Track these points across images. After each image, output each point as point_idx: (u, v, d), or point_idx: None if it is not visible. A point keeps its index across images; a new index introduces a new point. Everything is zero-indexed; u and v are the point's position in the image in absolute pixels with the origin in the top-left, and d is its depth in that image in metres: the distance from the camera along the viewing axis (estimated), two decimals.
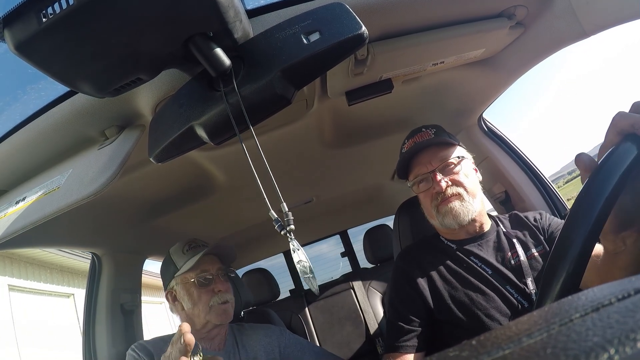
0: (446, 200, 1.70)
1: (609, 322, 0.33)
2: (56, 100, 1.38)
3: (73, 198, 1.23)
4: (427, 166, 1.77)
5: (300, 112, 1.86)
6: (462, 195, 1.70)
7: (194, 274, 1.92)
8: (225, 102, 1.05)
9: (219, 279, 1.95)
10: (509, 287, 1.59)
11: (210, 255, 2.00)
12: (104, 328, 2.35)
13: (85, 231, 2.28)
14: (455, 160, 1.75)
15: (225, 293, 1.92)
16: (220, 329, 1.96)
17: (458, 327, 1.63)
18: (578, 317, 0.36)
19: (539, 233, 1.75)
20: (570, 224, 0.74)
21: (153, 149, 1.18)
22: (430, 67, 1.80)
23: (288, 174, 2.66)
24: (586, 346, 0.31)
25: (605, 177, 0.74)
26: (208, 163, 2.15)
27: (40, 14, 0.78)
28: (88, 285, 2.50)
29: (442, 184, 1.70)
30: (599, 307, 0.37)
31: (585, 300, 0.40)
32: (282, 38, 1.05)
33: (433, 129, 1.84)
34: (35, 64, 0.88)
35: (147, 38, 0.90)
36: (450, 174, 1.74)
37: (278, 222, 1.04)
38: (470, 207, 1.69)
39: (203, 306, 1.88)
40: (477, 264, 1.68)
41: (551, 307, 0.42)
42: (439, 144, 1.79)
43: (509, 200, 2.55)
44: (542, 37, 1.73)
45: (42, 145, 1.49)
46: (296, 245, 1.06)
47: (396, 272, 1.87)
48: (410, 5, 1.38)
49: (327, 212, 4.03)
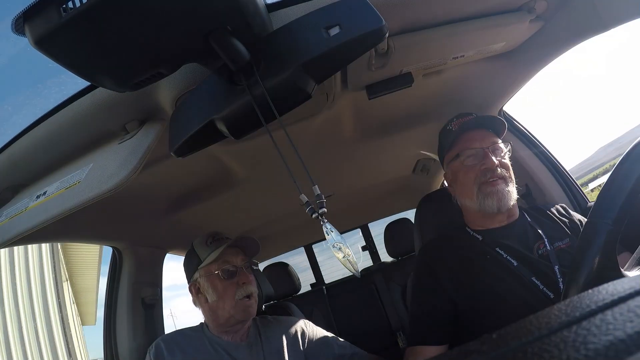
0: (494, 182, 1.69)
1: (629, 316, 0.33)
2: (76, 95, 1.38)
3: (94, 192, 1.23)
4: (480, 142, 1.76)
5: (320, 106, 1.85)
6: (507, 180, 1.71)
7: (217, 266, 1.92)
8: (250, 94, 1.05)
9: (243, 271, 1.95)
10: (534, 279, 1.56)
11: (234, 247, 2.00)
12: (124, 322, 2.37)
13: (106, 226, 2.30)
14: (505, 145, 1.78)
15: (249, 285, 1.92)
16: (243, 322, 1.96)
17: (482, 319, 1.61)
18: (598, 310, 0.36)
19: (565, 226, 1.74)
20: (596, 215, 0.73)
21: (173, 144, 1.18)
22: (450, 61, 1.78)
23: (309, 167, 2.63)
24: (606, 340, 0.31)
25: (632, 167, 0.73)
26: (228, 157, 2.15)
27: (60, 8, 0.78)
28: (109, 280, 2.52)
29: (495, 161, 1.69)
30: (620, 301, 0.37)
31: (605, 294, 0.40)
32: (302, 32, 1.05)
33: (475, 114, 1.85)
34: (55, 58, 0.88)
35: (167, 33, 0.90)
36: (501, 156, 1.74)
37: (310, 206, 1.03)
38: (513, 193, 1.71)
39: (229, 299, 1.89)
40: (502, 255, 1.65)
41: (572, 300, 0.42)
42: (491, 127, 1.81)
43: (529, 193, 2.53)
44: (562, 30, 1.72)
45: (62, 140, 1.50)
46: (329, 227, 1.06)
47: (419, 265, 1.86)
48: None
49: (348, 206, 4.04)
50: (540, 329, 0.36)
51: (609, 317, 0.34)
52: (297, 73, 1.04)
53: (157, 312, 2.64)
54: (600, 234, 0.70)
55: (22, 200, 1.52)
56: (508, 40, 1.76)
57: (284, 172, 1.06)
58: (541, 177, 2.48)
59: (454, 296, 1.68)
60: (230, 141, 1.24)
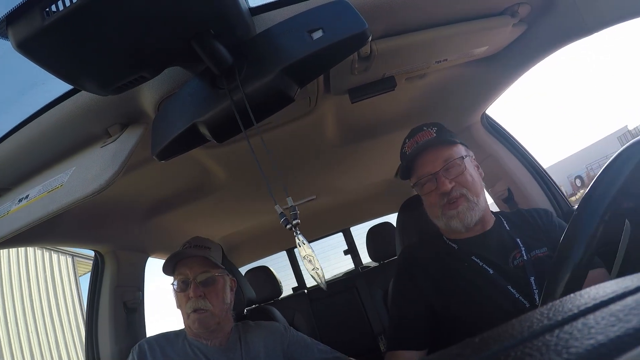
0: (453, 204, 1.69)
1: (611, 320, 0.33)
2: (59, 98, 1.38)
3: (76, 196, 1.22)
4: (431, 166, 1.74)
5: (303, 110, 1.85)
6: (467, 197, 1.68)
7: (175, 277, 1.93)
8: (230, 99, 1.05)
9: (195, 283, 1.89)
10: (510, 287, 1.56)
11: (192, 258, 1.96)
12: (106, 325, 2.35)
13: (88, 229, 2.28)
14: (459, 161, 1.73)
15: (198, 300, 1.87)
16: (220, 328, 1.96)
17: (460, 325, 1.62)
18: (580, 314, 0.37)
19: (543, 233, 1.73)
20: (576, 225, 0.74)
21: (156, 147, 1.18)
22: (433, 65, 1.79)
23: (291, 171, 2.66)
24: (588, 344, 0.31)
25: (611, 179, 0.74)
26: (211, 161, 2.15)
27: (43, 12, 0.78)
28: (91, 283, 2.50)
29: (448, 185, 1.68)
30: (602, 305, 0.37)
31: (587, 298, 0.41)
32: (285, 36, 1.05)
33: (434, 127, 1.81)
34: (38, 61, 0.88)
35: (150, 36, 0.90)
36: (455, 174, 1.71)
37: (283, 217, 1.04)
38: (476, 209, 1.68)
39: (183, 311, 1.90)
40: (479, 263, 1.66)
41: (554, 305, 0.42)
42: (442, 144, 1.76)
43: (511, 198, 2.54)
44: (546, 34, 1.73)
45: (45, 143, 1.49)
46: (302, 239, 1.06)
47: (399, 270, 1.86)
48: (413, 2, 1.38)
49: (330, 209, 4.05)
50: (523, 333, 0.36)
51: (591, 321, 0.34)
52: (280, 76, 1.03)
53: (139, 315, 2.63)
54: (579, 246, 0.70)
55: (5, 204, 1.51)
56: (491, 44, 1.77)
57: (268, 175, 1.07)
58: (523, 181, 2.49)
59: (432, 301, 1.68)
60: (213, 145, 1.24)
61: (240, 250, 4.22)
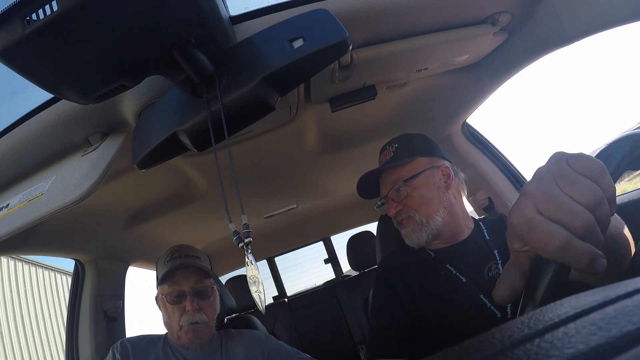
0: (402, 225, 1.75)
1: (592, 329, 0.33)
2: (40, 107, 1.37)
3: (56, 205, 1.22)
4: (384, 189, 1.81)
5: (284, 119, 1.86)
6: (414, 219, 1.71)
7: (167, 288, 1.89)
8: (207, 109, 1.06)
9: (191, 296, 1.88)
10: (482, 296, 1.56)
11: (187, 268, 1.94)
12: (86, 334, 2.33)
13: (68, 238, 2.26)
14: (407, 183, 1.74)
15: (195, 313, 1.87)
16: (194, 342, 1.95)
17: (435, 333, 1.62)
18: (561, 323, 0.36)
19: None
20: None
21: (136, 156, 1.18)
22: (414, 74, 1.81)
23: (272, 180, 2.66)
24: (569, 353, 0.31)
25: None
26: (191, 169, 2.14)
27: (24, 20, 0.78)
28: (71, 292, 2.49)
29: (392, 210, 1.75)
30: (583, 313, 0.37)
31: (567, 307, 0.40)
32: (266, 44, 1.06)
33: (396, 144, 1.83)
34: (18, 70, 0.87)
35: (131, 45, 0.90)
36: (402, 197, 1.74)
37: (237, 235, 1.04)
38: (424, 230, 1.70)
39: (175, 324, 1.87)
40: (452, 271, 1.66)
41: (534, 313, 0.42)
42: (393, 167, 1.79)
43: (492, 206, 2.56)
44: (526, 43, 1.75)
45: (25, 152, 1.48)
46: (251, 258, 1.07)
47: (378, 279, 1.87)
48: (394, 11, 1.39)
49: (311, 218, 4.05)
50: (503, 342, 0.36)
51: (572, 330, 0.34)
52: (261, 85, 1.03)
53: (119, 324, 2.61)
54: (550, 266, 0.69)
55: None
56: (472, 52, 1.79)
57: (247, 184, 1.07)
58: (504, 190, 2.51)
59: (411, 309, 1.69)
60: (194, 153, 1.25)
61: (220, 258, 4.18)
